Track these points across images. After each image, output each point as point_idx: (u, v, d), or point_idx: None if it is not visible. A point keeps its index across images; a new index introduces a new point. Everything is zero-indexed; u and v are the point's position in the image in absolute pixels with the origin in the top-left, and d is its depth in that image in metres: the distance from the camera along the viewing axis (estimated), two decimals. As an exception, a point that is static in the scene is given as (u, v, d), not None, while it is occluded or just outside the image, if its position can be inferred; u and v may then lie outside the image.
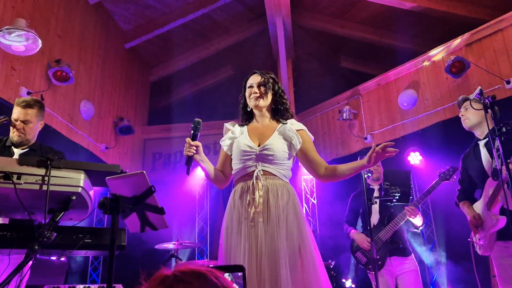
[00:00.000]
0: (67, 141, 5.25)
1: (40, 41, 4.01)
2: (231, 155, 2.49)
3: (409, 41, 7.19)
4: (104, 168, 1.90)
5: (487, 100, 2.22)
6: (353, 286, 5.56)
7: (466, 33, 5.38)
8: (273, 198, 2.25)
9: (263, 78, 2.48)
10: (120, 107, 6.90)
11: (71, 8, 5.59)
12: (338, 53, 8.66)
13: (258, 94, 2.42)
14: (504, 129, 2.10)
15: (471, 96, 2.40)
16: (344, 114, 6.36)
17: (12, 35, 3.80)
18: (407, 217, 3.87)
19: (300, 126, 2.49)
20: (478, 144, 3.09)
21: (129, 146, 7.14)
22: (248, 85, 2.51)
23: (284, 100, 2.52)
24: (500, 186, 2.62)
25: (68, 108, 5.36)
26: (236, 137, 2.47)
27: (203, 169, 2.45)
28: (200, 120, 2.33)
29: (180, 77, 8.40)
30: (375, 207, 4.16)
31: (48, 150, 2.98)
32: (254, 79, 2.49)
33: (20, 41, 3.86)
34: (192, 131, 2.33)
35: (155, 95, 8.58)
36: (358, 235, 4.14)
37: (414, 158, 5.70)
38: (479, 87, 2.31)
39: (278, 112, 2.50)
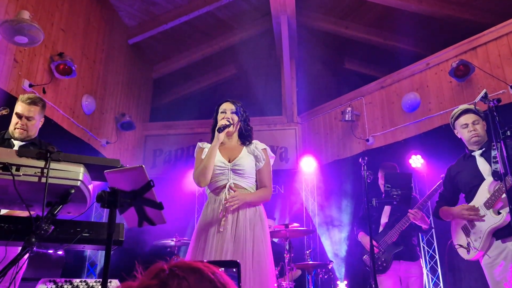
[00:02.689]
0: (68, 135, 5.25)
1: (43, 34, 4.00)
2: None
3: (414, 44, 7.17)
4: (103, 162, 1.88)
5: (492, 104, 2.20)
6: None
7: (471, 37, 5.35)
8: (243, 212, 2.62)
9: (235, 107, 2.89)
10: (122, 103, 6.88)
11: (75, 2, 5.58)
12: (342, 54, 8.64)
13: (229, 119, 2.80)
14: (509, 133, 2.07)
15: (476, 100, 2.37)
16: (347, 116, 6.33)
17: (15, 27, 3.79)
18: (411, 220, 3.87)
19: (263, 145, 2.90)
20: (472, 156, 3.08)
21: (130, 142, 7.13)
22: (221, 110, 2.91)
23: (249, 127, 2.96)
24: (502, 186, 2.60)
25: (69, 102, 5.35)
26: None
27: (213, 157, 2.71)
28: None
29: (183, 74, 8.40)
30: (386, 210, 4.19)
31: (48, 145, 3.02)
32: (227, 106, 2.90)
33: (23, 33, 3.85)
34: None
35: (157, 92, 8.57)
36: (364, 238, 4.17)
37: (416, 161, 5.68)
38: (484, 90, 2.29)
39: (244, 136, 2.90)
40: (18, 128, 2.92)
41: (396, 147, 5.91)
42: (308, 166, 6.70)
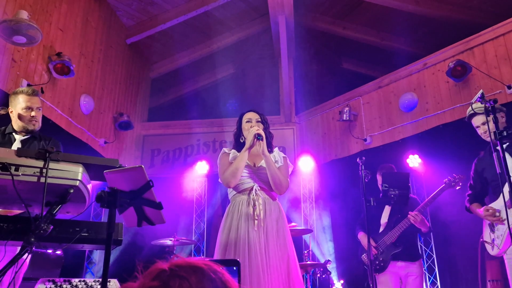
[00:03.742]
0: (66, 134, 5.24)
1: (41, 33, 4.00)
2: None
3: (411, 44, 7.19)
4: (102, 162, 1.89)
5: (488, 104, 2.22)
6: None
7: (468, 37, 5.37)
8: (269, 210, 2.85)
9: (260, 116, 3.09)
10: (120, 103, 6.88)
11: (73, 2, 5.57)
12: (340, 54, 8.65)
13: (257, 128, 2.93)
14: (505, 133, 2.09)
15: (473, 100, 2.39)
16: (344, 115, 6.34)
17: (13, 26, 3.79)
18: (411, 222, 3.90)
19: (283, 154, 3.12)
20: (497, 150, 3.10)
21: (128, 141, 7.13)
22: (246, 119, 3.08)
23: (271, 134, 3.15)
24: None
25: (67, 101, 5.35)
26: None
27: (245, 159, 2.90)
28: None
29: (181, 74, 8.39)
30: (386, 210, 4.22)
31: (48, 139, 3.04)
32: (253, 116, 3.09)
33: (21, 33, 3.85)
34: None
35: (155, 92, 8.56)
36: (364, 238, 4.20)
37: (413, 161, 5.70)
38: (481, 91, 2.31)
39: (267, 143, 2.99)
40: (33, 121, 2.96)
41: (393, 147, 5.93)
42: (306, 165, 6.71)
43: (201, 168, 6.91)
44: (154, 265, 0.82)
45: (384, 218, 4.20)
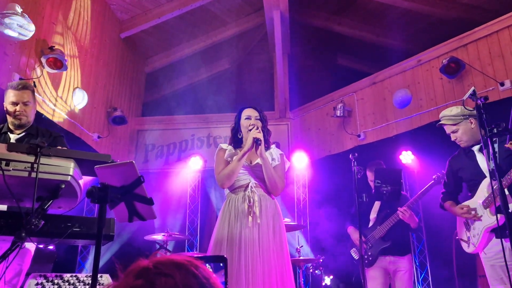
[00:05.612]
0: (59, 129, 5.21)
1: (34, 27, 3.97)
2: None
3: (406, 41, 7.21)
4: (94, 157, 1.88)
5: (479, 101, 2.23)
6: (328, 284, 5.60)
7: (462, 34, 5.39)
8: (265, 207, 2.85)
9: (259, 114, 3.05)
10: (114, 97, 6.85)
11: (66, -5, 5.52)
12: (335, 50, 8.66)
13: (255, 127, 2.91)
14: (495, 130, 2.11)
15: (465, 97, 2.41)
16: (338, 111, 6.36)
17: (5, 20, 3.76)
18: (400, 217, 3.93)
19: (280, 151, 3.13)
20: (471, 151, 3.12)
21: (122, 136, 7.10)
22: (245, 116, 3.04)
23: (269, 131, 3.17)
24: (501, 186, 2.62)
25: (60, 96, 5.31)
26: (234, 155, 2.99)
27: (242, 162, 2.89)
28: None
29: (175, 69, 8.36)
30: (376, 206, 4.26)
31: (45, 133, 2.97)
32: (252, 113, 3.05)
33: (13, 27, 3.82)
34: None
35: (150, 86, 8.53)
36: (354, 232, 4.24)
37: (406, 157, 5.73)
38: (472, 88, 2.32)
39: (264, 140, 2.99)
40: (17, 115, 2.87)
41: (387, 143, 5.96)
42: (300, 161, 6.73)
43: (195, 163, 6.90)
44: (135, 263, 0.81)
45: (373, 213, 4.24)
